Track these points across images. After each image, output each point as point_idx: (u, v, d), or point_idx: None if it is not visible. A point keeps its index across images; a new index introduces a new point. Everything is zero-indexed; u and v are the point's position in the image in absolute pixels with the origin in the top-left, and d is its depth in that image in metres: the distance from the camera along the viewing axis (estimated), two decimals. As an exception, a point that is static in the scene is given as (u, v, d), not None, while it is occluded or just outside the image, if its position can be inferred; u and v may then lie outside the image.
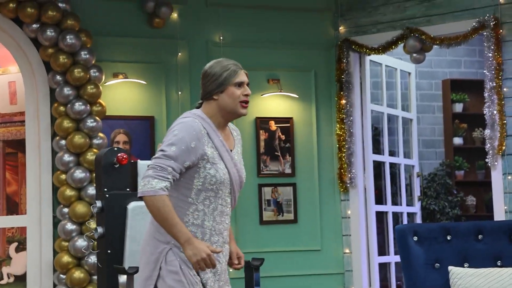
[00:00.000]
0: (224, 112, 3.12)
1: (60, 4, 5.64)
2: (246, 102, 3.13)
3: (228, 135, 3.21)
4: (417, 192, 6.98)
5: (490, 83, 5.75)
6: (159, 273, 3.03)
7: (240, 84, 3.11)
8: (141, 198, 2.98)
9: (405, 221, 6.79)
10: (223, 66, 3.11)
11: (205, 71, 3.14)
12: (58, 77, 5.64)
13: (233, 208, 3.21)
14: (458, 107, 7.86)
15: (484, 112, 5.78)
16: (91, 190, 5.55)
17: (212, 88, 3.10)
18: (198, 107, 3.20)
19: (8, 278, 6.45)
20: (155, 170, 2.97)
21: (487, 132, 5.77)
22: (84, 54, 5.65)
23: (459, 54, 7.98)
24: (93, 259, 5.48)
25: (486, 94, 5.77)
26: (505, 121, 5.72)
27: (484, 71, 5.81)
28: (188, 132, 3.03)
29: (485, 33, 5.79)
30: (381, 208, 6.68)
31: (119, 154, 4.66)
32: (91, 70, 5.69)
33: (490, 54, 5.75)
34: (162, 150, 3.02)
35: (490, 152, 5.76)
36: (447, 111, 7.84)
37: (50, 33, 5.58)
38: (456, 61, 8.00)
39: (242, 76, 3.12)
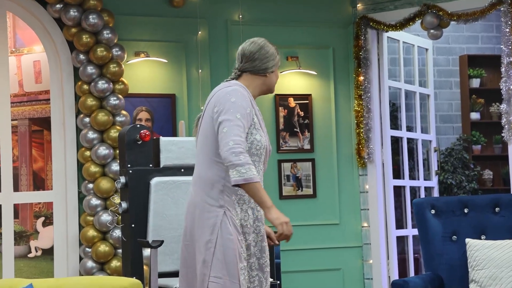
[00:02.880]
0: (265, 89, 3.38)
1: (82, -16, 5.71)
2: None
3: None
4: (434, 166, 7.02)
5: (507, 58, 5.75)
6: (217, 239, 3.15)
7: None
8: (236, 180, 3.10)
9: (422, 195, 6.84)
10: (275, 49, 3.40)
11: (262, 48, 3.36)
12: (82, 56, 5.72)
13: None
14: (475, 83, 7.87)
15: (501, 87, 5.79)
16: (115, 166, 5.64)
17: (268, 66, 3.35)
18: (233, 78, 3.37)
19: (36, 251, 6.57)
20: (245, 155, 3.08)
21: (503, 107, 5.79)
22: (106, 34, 5.72)
23: (477, 29, 7.98)
24: (117, 233, 5.58)
25: (503, 69, 5.77)
26: (521, 96, 5.75)
27: (501, 47, 5.81)
28: (244, 98, 3.21)
29: (502, 8, 5.79)
30: (398, 182, 6.73)
31: (141, 131, 4.73)
32: (114, 49, 5.76)
33: (508, 29, 5.75)
34: (228, 121, 3.13)
35: (507, 126, 5.79)
36: (464, 86, 7.85)
37: (73, 13, 5.65)
38: (473, 37, 8.00)
39: None
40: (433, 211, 4.47)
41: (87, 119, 5.72)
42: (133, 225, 4.66)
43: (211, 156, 3.21)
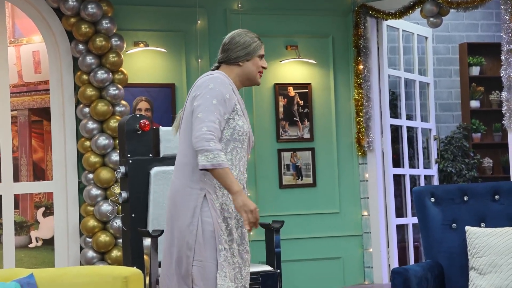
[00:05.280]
0: (243, 78, 3.39)
1: (81, -26, 5.71)
2: (262, 72, 3.45)
3: None
4: (434, 155, 7.04)
5: (507, 45, 5.75)
6: (198, 222, 3.20)
7: (262, 57, 3.43)
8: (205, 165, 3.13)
9: (422, 184, 6.85)
10: (252, 37, 3.40)
11: (233, 38, 3.38)
12: (81, 46, 5.73)
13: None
14: (475, 71, 7.87)
15: (501, 74, 5.79)
16: (115, 156, 5.66)
17: (240, 55, 3.36)
18: (214, 70, 3.41)
19: (37, 241, 6.60)
20: (216, 142, 3.14)
21: (504, 94, 5.79)
22: (105, 23, 5.72)
23: (476, 17, 7.97)
24: (118, 223, 5.60)
25: (503, 57, 5.77)
26: (521, 84, 5.75)
27: (501, 34, 5.81)
28: (223, 84, 3.25)
29: (502, -4, 5.80)
30: (398, 171, 6.75)
31: (141, 121, 4.75)
32: (113, 39, 5.77)
33: (507, 17, 5.75)
34: (203, 106, 3.17)
35: (507, 114, 5.78)
36: (464, 74, 7.85)
37: (72, 2, 5.65)
38: (473, 25, 7.99)
39: (263, 50, 3.44)
40: (432, 199, 4.48)
41: (86, 109, 5.73)
42: (133, 215, 4.69)
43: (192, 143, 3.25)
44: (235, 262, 3.27)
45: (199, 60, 6.17)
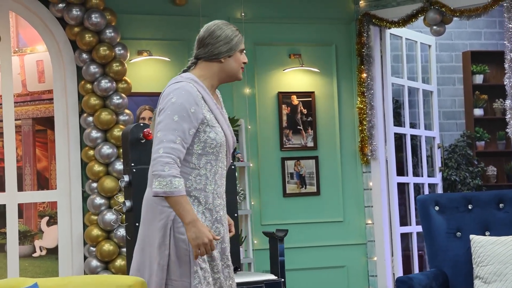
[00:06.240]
0: (224, 75, 3.15)
1: (84, -16, 5.73)
2: (243, 68, 3.22)
3: (216, 96, 3.23)
4: (438, 163, 7.03)
5: (511, 54, 5.75)
6: (170, 240, 3.03)
7: (242, 51, 3.19)
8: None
9: (426, 192, 6.85)
10: (233, 30, 3.15)
11: (213, 31, 3.13)
12: (84, 55, 5.74)
13: (226, 169, 3.23)
14: (479, 79, 7.87)
15: (505, 82, 5.80)
16: (119, 165, 5.66)
17: (222, 51, 3.12)
18: (188, 68, 3.19)
19: (41, 251, 6.60)
20: (171, 166, 2.94)
21: (507, 102, 5.80)
22: (109, 32, 5.74)
23: (479, 25, 7.98)
24: (121, 232, 5.60)
25: (506, 65, 5.78)
26: (525, 92, 5.75)
27: (505, 42, 5.82)
28: (186, 97, 3.01)
29: (505, 4, 5.79)
30: (402, 179, 6.74)
31: (145, 130, 4.76)
32: (116, 48, 5.78)
33: (510, 25, 5.75)
34: (163, 123, 2.97)
35: (511, 122, 5.79)
36: (468, 82, 7.86)
37: (75, 12, 5.67)
38: (476, 33, 8.00)
39: (243, 44, 3.21)
40: (437, 208, 4.48)
41: (90, 118, 5.74)
42: (137, 224, 4.67)
43: None
44: (216, 278, 3.09)
45: (203, 69, 6.16)
